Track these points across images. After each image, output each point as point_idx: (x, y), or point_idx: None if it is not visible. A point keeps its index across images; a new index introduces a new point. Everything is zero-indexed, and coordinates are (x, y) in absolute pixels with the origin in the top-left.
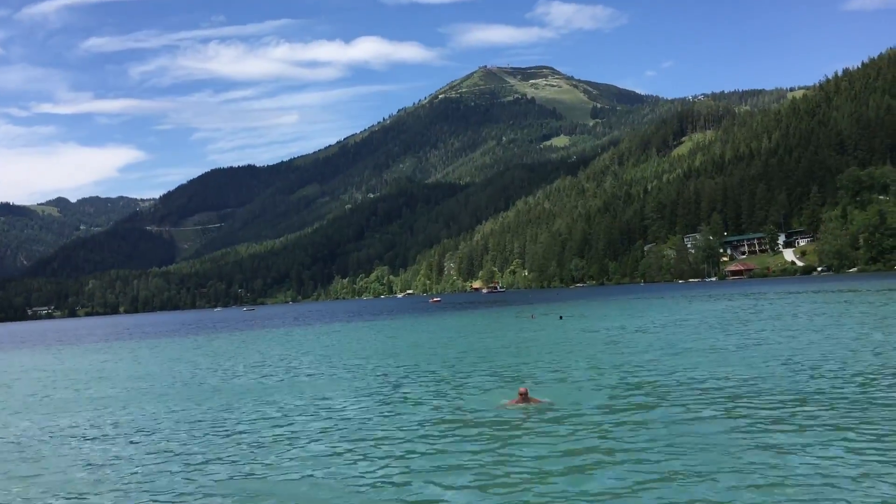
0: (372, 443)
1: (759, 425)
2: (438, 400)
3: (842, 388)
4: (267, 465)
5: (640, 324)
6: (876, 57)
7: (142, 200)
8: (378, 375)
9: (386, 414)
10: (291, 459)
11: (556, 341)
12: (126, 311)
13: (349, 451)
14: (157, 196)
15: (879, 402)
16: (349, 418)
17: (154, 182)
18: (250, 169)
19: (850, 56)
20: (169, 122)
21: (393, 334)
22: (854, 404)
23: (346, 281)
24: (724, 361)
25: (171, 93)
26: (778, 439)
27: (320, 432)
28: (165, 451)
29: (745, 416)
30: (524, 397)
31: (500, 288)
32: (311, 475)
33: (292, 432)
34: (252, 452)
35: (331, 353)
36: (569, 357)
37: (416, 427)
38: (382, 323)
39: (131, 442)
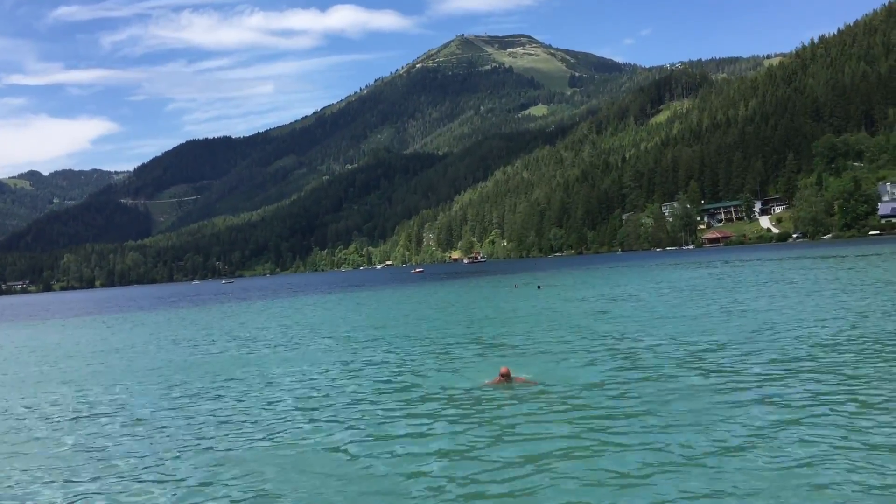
0: (348, 423)
1: (747, 395)
2: (419, 378)
3: (830, 355)
4: (236, 441)
5: (620, 292)
6: (851, 24)
7: (116, 173)
8: (358, 350)
9: (362, 392)
10: (259, 436)
11: (539, 312)
12: (102, 285)
13: (323, 431)
14: (131, 168)
15: (864, 370)
16: (326, 396)
17: (128, 154)
18: (226, 140)
19: (826, 23)
20: (142, 93)
21: (376, 306)
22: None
23: (324, 252)
24: (707, 329)
25: (144, 63)
26: (768, 411)
27: (293, 410)
28: (138, 428)
29: (734, 387)
30: (506, 377)
31: (482, 258)
32: (280, 454)
33: (264, 406)
34: (222, 429)
35: (312, 326)
36: (551, 328)
37: (395, 407)
38: (365, 294)
39: (97, 418)
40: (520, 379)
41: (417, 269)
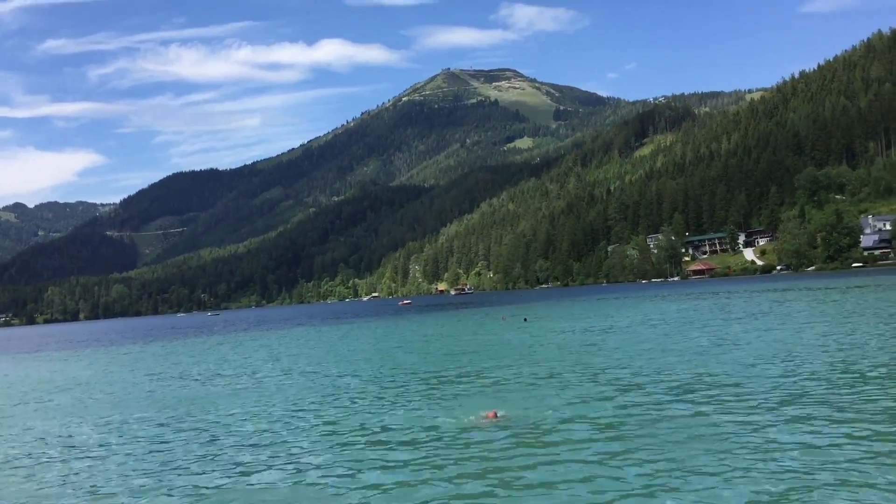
0: (335, 457)
1: (733, 425)
2: (406, 413)
3: (812, 384)
4: (221, 487)
5: (608, 325)
6: (832, 59)
7: (102, 205)
8: (343, 384)
9: (348, 427)
10: (227, 478)
11: (527, 345)
12: (87, 318)
13: (310, 466)
14: (117, 201)
15: (849, 397)
16: (316, 430)
17: (114, 186)
18: (213, 173)
19: (807, 58)
20: (129, 126)
21: (363, 338)
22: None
23: (310, 285)
24: (695, 361)
25: (131, 96)
26: (754, 439)
27: (281, 444)
28: (121, 463)
29: (721, 416)
30: (493, 417)
31: (469, 289)
32: (273, 488)
33: (236, 443)
34: (206, 468)
35: (300, 359)
36: (539, 362)
37: (378, 445)
38: (351, 327)
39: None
40: (497, 416)
41: (405, 301)
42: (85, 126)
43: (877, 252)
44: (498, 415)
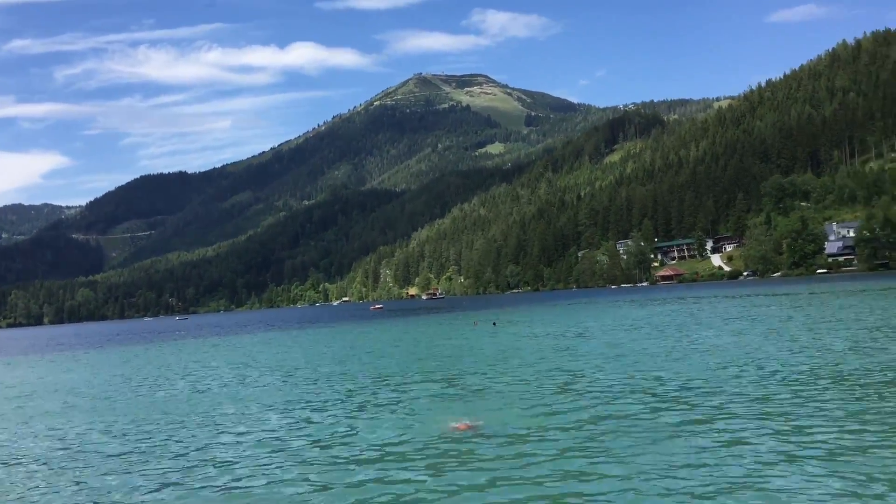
0: (301, 466)
1: (703, 427)
2: (375, 421)
3: (785, 388)
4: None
5: (580, 329)
6: (797, 68)
7: (67, 208)
8: (314, 391)
9: (315, 436)
10: (197, 485)
11: (500, 350)
12: (51, 322)
13: (278, 478)
14: (83, 203)
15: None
16: (280, 440)
17: (80, 189)
18: (181, 175)
19: (773, 67)
20: (96, 127)
21: (335, 344)
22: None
23: (280, 289)
24: (668, 366)
25: (99, 97)
26: (712, 443)
27: (238, 455)
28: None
29: (695, 419)
30: (465, 427)
31: (440, 294)
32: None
33: (203, 453)
34: (166, 479)
35: (268, 365)
36: (512, 367)
37: (347, 454)
38: (323, 332)
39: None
40: (472, 426)
41: (377, 306)
42: (51, 127)
43: (841, 258)
44: (470, 425)
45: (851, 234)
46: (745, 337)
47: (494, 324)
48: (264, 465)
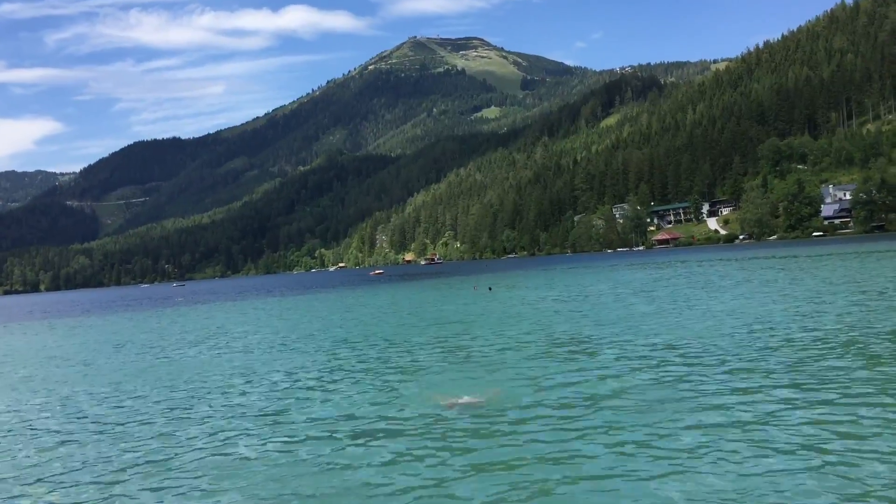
0: (278, 444)
1: (713, 394)
2: (366, 394)
3: (802, 354)
4: (172, 476)
5: (579, 293)
6: (795, 29)
7: (61, 174)
8: (312, 360)
9: (304, 409)
10: (190, 456)
11: (501, 315)
12: (48, 289)
13: (270, 450)
14: (77, 170)
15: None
16: (277, 405)
17: (74, 155)
18: (175, 141)
19: (770, 29)
20: (88, 93)
21: (338, 309)
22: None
23: (276, 255)
24: (672, 330)
25: (91, 62)
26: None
27: (212, 424)
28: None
29: (707, 386)
30: (462, 402)
31: (438, 259)
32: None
33: (194, 419)
34: (156, 452)
35: (274, 331)
36: (513, 334)
37: (340, 426)
38: (325, 296)
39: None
40: (475, 402)
41: (377, 271)
42: (43, 93)
43: (837, 221)
44: (469, 401)
45: (848, 196)
46: (754, 301)
47: (490, 289)
48: (238, 437)
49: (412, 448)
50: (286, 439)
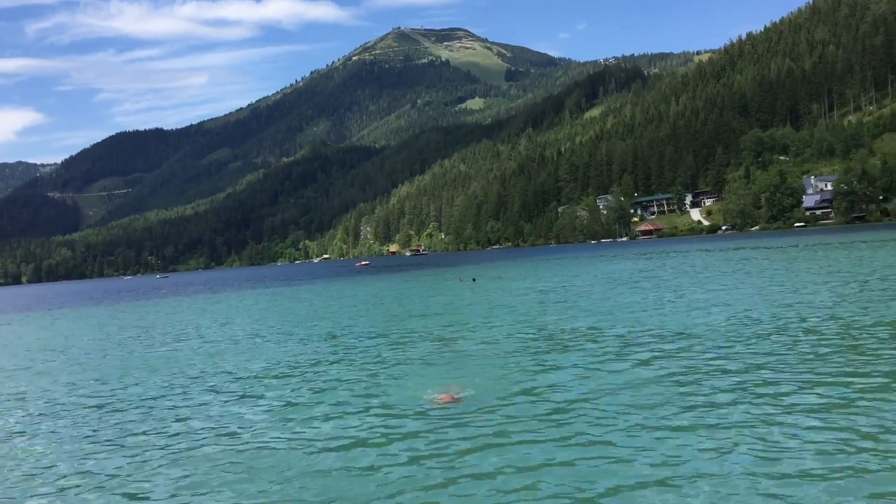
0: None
1: (709, 388)
2: (348, 389)
3: (795, 343)
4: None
5: (567, 284)
6: (778, 21)
7: (42, 165)
8: (295, 352)
9: (283, 403)
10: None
11: (487, 307)
12: (29, 281)
13: (243, 447)
14: (58, 161)
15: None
16: (253, 399)
17: (55, 146)
18: (158, 132)
19: (753, 21)
20: (70, 83)
21: (323, 300)
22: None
23: (260, 247)
24: (662, 321)
25: (72, 52)
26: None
27: (188, 427)
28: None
29: (703, 380)
30: (449, 398)
31: (424, 251)
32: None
33: (173, 412)
34: (135, 447)
35: (254, 323)
36: (499, 326)
37: (318, 421)
38: (311, 288)
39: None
40: (460, 398)
41: (363, 263)
42: (24, 83)
43: (818, 212)
44: (453, 396)
45: (829, 187)
46: (741, 291)
47: (474, 280)
48: (210, 437)
49: (394, 444)
50: (263, 433)
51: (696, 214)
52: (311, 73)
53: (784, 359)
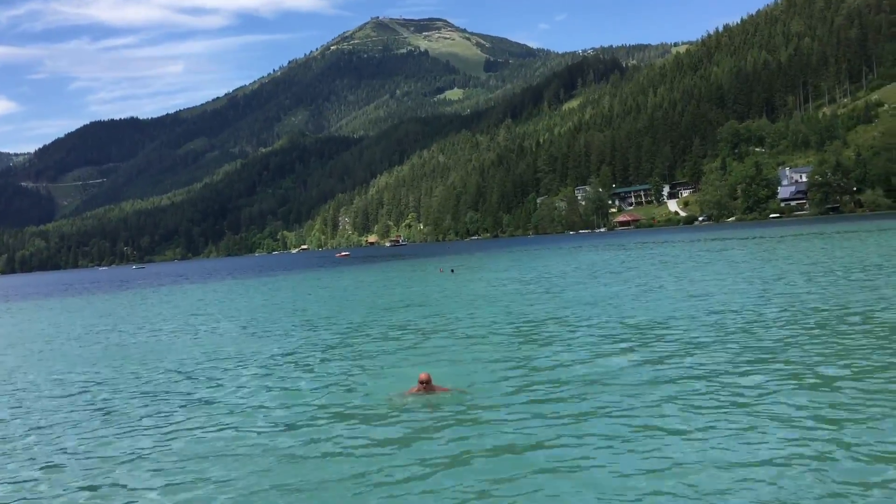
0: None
1: (690, 378)
2: (327, 383)
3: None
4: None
5: (547, 275)
6: (754, 13)
7: (15, 155)
8: (271, 345)
9: (261, 401)
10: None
11: (467, 298)
12: (2, 273)
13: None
14: (31, 150)
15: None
16: (218, 403)
17: (28, 135)
18: (133, 121)
19: (730, 13)
20: (43, 71)
21: (303, 291)
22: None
23: (238, 237)
24: (644, 311)
25: (45, 39)
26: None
27: (155, 418)
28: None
29: (684, 370)
30: (426, 385)
31: (403, 241)
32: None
33: (143, 401)
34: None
35: (235, 315)
36: (479, 318)
37: (296, 416)
38: (288, 279)
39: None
40: (439, 388)
41: (343, 253)
42: None
43: (793, 203)
44: (428, 388)
45: (804, 179)
46: (721, 282)
47: (452, 271)
48: (171, 429)
49: (372, 439)
50: (241, 429)
51: (673, 205)
52: (289, 62)
53: (763, 350)
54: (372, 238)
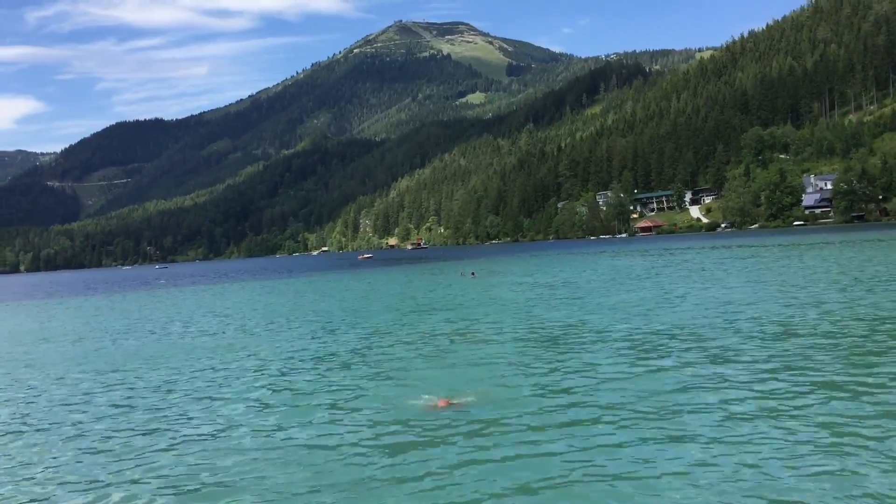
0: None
1: (723, 387)
2: (348, 392)
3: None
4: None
5: (571, 281)
6: (780, 19)
7: (42, 154)
8: (294, 350)
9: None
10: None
11: (490, 303)
12: (28, 270)
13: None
14: (58, 150)
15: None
16: (246, 409)
17: (55, 135)
18: (158, 122)
19: (755, 18)
20: (70, 72)
21: (327, 293)
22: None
23: (259, 238)
24: (670, 319)
25: (72, 40)
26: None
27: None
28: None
29: (715, 379)
30: (446, 405)
31: (424, 245)
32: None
33: (151, 404)
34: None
35: (259, 316)
36: (501, 324)
37: (315, 423)
38: (311, 281)
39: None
40: (458, 403)
41: (366, 255)
42: (24, 71)
43: (818, 211)
44: (451, 402)
45: (829, 186)
46: (748, 290)
47: (473, 274)
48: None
49: (385, 450)
50: (262, 430)
51: (695, 212)
52: (312, 65)
53: (793, 359)
54: (392, 241)
